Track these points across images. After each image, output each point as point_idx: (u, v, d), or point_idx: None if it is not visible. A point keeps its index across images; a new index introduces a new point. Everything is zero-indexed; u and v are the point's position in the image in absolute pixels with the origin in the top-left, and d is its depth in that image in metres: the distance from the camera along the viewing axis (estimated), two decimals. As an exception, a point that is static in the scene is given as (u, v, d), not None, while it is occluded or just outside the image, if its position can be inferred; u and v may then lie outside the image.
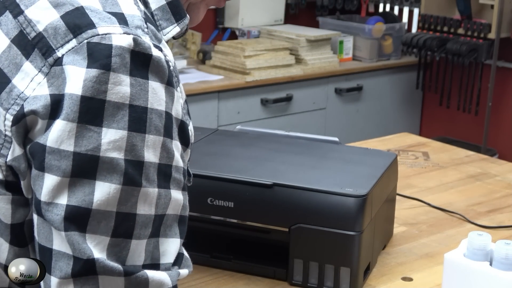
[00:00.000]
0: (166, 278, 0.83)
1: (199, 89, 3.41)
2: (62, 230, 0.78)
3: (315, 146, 1.54)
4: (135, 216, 0.80)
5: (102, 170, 0.78)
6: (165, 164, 0.82)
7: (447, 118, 4.30)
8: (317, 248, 1.30)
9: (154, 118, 0.81)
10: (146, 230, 0.81)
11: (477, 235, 1.17)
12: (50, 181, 0.78)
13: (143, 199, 0.80)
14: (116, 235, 0.79)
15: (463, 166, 2.04)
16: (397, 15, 4.34)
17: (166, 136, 0.83)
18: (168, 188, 0.83)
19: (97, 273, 0.78)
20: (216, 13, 4.12)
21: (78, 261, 0.78)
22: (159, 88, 0.82)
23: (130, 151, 0.79)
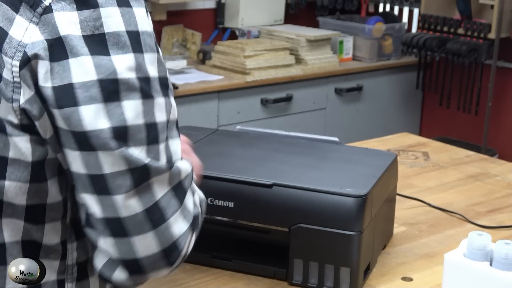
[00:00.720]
0: (187, 165, 0.97)
1: (199, 89, 3.41)
2: (114, 149, 0.87)
3: (315, 146, 1.54)
4: (156, 124, 0.91)
5: (123, 91, 0.88)
6: (163, 76, 0.93)
7: (447, 118, 4.30)
8: (317, 248, 1.30)
9: (146, 39, 0.91)
10: (164, 134, 0.92)
11: (477, 235, 1.17)
12: (87, 111, 0.87)
13: (157, 109, 0.91)
14: (149, 143, 0.90)
15: (463, 166, 2.04)
16: (397, 15, 4.34)
17: (157, 52, 0.93)
18: (168, 97, 0.95)
19: (150, 177, 0.89)
20: (216, 13, 4.12)
21: (134, 171, 0.88)
22: (142, 12, 0.92)
23: (139, 70, 0.89)
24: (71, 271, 0.98)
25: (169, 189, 0.92)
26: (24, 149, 0.89)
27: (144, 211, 0.90)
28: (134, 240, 0.90)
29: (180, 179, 0.94)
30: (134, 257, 0.91)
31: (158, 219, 0.91)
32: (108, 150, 0.87)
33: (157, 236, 0.91)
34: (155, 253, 0.91)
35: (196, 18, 4.06)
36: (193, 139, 1.54)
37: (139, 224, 0.90)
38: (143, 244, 0.90)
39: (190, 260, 1.39)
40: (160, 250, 0.91)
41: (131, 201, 0.89)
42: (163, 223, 0.91)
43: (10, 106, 0.88)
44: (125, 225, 0.90)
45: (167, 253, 0.92)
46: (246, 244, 1.41)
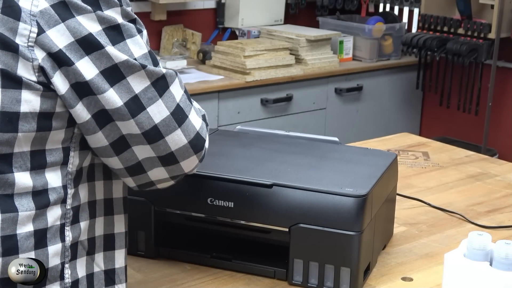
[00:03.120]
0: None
1: (199, 89, 3.41)
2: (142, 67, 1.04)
3: (315, 146, 1.54)
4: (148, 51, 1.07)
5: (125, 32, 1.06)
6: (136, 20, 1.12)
7: (447, 118, 4.30)
8: (317, 248, 1.30)
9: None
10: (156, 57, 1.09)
11: (477, 235, 1.17)
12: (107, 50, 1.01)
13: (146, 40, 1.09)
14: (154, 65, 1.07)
15: (463, 166, 2.04)
16: (397, 15, 4.34)
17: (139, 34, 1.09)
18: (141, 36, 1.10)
19: (169, 84, 1.07)
20: (216, 13, 4.12)
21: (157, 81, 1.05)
22: None
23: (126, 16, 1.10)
24: (69, 215, 1.06)
25: (183, 92, 1.09)
26: (34, 102, 0.99)
27: (170, 114, 1.06)
28: (167, 139, 1.06)
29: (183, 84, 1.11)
30: (169, 151, 1.07)
31: (181, 117, 1.07)
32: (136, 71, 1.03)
33: (183, 131, 1.07)
34: (184, 145, 1.08)
35: (196, 18, 4.06)
36: (193, 139, 1.54)
37: (168, 124, 1.06)
38: (174, 139, 1.07)
39: (190, 260, 1.40)
40: (187, 141, 1.08)
41: (160, 107, 1.05)
42: (185, 120, 1.08)
43: (30, 65, 0.98)
44: (160, 128, 1.05)
45: (193, 143, 1.09)
46: (246, 244, 1.41)
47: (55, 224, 1.04)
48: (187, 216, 1.37)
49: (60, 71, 0.99)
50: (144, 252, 1.41)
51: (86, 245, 1.09)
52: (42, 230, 1.02)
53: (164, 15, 3.89)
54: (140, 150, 1.07)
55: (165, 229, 1.42)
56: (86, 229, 1.09)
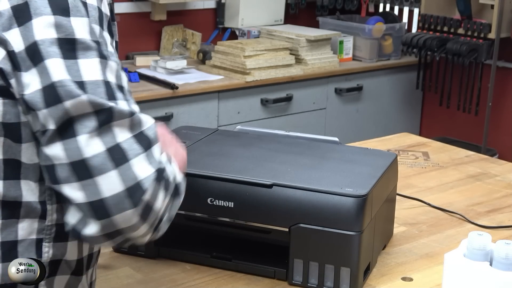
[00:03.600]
0: (149, 118, 1.03)
1: (199, 89, 3.41)
2: (82, 94, 0.94)
3: (315, 146, 1.54)
4: (109, 83, 0.98)
5: (80, 50, 0.96)
6: (107, 45, 1.01)
7: (447, 118, 4.30)
8: (317, 248, 1.30)
9: (92, 11, 0.99)
10: (119, 93, 0.99)
11: (477, 235, 1.17)
12: (52, 64, 0.94)
13: (108, 70, 0.98)
14: (108, 98, 0.97)
15: (463, 166, 2.04)
16: (397, 15, 4.34)
17: (101, 26, 1.00)
18: (118, 64, 1.02)
19: (113, 119, 0.96)
20: (216, 13, 4.12)
21: (100, 112, 0.95)
22: None
23: (92, 33, 0.98)
24: (50, 231, 1.02)
25: (131, 135, 0.97)
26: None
27: (106, 150, 0.95)
28: (98, 180, 0.94)
29: (142, 128, 0.99)
30: (99, 198, 0.94)
31: (120, 158, 0.95)
32: (74, 97, 0.94)
33: (120, 175, 0.94)
34: (119, 192, 0.94)
35: (196, 18, 4.06)
36: (193, 139, 1.54)
37: (102, 163, 0.94)
38: (107, 183, 0.94)
39: (190, 260, 1.40)
40: (124, 189, 0.95)
41: (94, 141, 0.94)
42: (125, 163, 0.95)
43: None
44: (89, 165, 0.94)
45: (131, 192, 0.95)
46: (246, 244, 1.41)
47: (29, 238, 1.00)
48: (187, 216, 1.37)
49: (15, 77, 0.96)
50: (144, 252, 1.41)
51: (73, 265, 1.06)
52: (11, 243, 0.99)
53: (164, 15, 3.89)
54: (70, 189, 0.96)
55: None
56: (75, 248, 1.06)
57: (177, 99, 3.35)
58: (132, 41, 3.85)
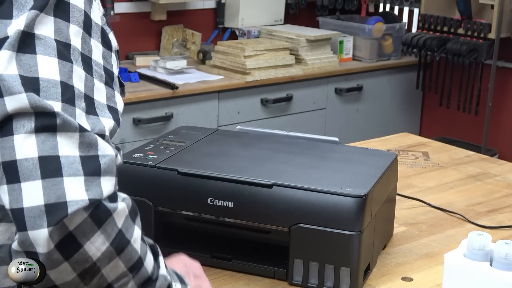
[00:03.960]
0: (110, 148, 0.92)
1: (199, 89, 3.41)
2: (23, 92, 0.87)
3: (315, 146, 1.54)
4: (73, 88, 0.91)
5: (39, 45, 0.90)
6: (86, 55, 0.94)
7: (447, 118, 4.30)
8: (317, 248, 1.30)
9: (75, 12, 0.94)
10: (81, 102, 0.91)
11: (477, 235, 1.17)
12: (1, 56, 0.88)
13: (75, 75, 0.91)
14: (64, 100, 0.89)
15: (463, 166, 2.04)
16: (397, 15, 4.34)
17: (85, 32, 0.95)
18: (91, 75, 0.94)
19: (57, 128, 0.87)
20: (216, 13, 4.12)
21: (39, 115, 0.87)
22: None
23: (58, 33, 0.91)
24: None
25: (78, 154, 0.88)
26: None
27: (39, 157, 0.86)
28: (23, 186, 0.86)
29: (94, 153, 0.89)
30: (19, 206, 0.86)
31: (52, 171, 0.86)
32: (16, 93, 0.87)
33: (44, 187, 0.85)
34: (39, 205, 0.85)
35: (196, 18, 4.06)
36: (193, 139, 1.54)
37: (31, 169, 0.85)
38: (30, 191, 0.85)
39: (190, 260, 1.40)
40: (44, 203, 0.85)
41: (29, 143, 0.86)
42: (56, 177, 0.86)
43: None
44: (18, 168, 0.86)
45: (50, 208, 0.85)
46: (246, 244, 1.41)
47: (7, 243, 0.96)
48: (187, 216, 1.37)
49: None
50: (144, 252, 1.41)
51: None
52: None
53: (164, 15, 3.89)
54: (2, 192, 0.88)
55: (165, 229, 1.42)
56: None
57: (177, 99, 3.35)
58: (132, 41, 3.85)
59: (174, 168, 1.36)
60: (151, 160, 1.39)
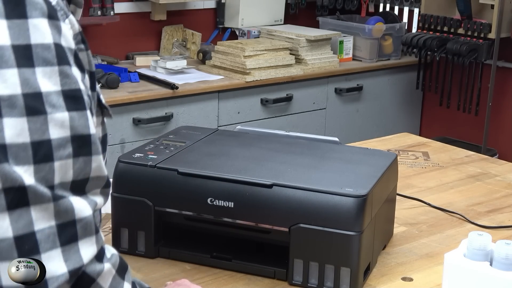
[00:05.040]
0: (86, 207, 0.89)
1: (199, 89, 3.41)
2: None
3: (315, 146, 1.54)
4: (50, 141, 0.85)
5: (4, 108, 0.82)
6: (69, 89, 0.87)
7: (447, 118, 4.30)
8: (317, 248, 1.30)
9: (40, 52, 0.85)
10: (65, 150, 0.86)
11: (477, 235, 1.17)
12: None
13: (53, 124, 0.85)
14: (37, 162, 0.84)
15: (463, 166, 2.04)
16: (397, 15, 4.34)
17: (62, 64, 0.87)
18: (82, 110, 0.88)
19: (29, 203, 0.82)
20: (216, 13, 4.12)
21: (9, 191, 0.81)
22: (42, 23, 0.86)
23: (25, 85, 0.84)
24: None
25: (54, 224, 0.84)
26: None
27: (14, 237, 0.82)
28: (0, 267, 0.83)
29: (73, 218, 0.86)
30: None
31: (29, 249, 0.83)
32: None
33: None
34: (17, 287, 0.83)
35: (196, 18, 4.06)
36: (193, 139, 1.54)
37: (7, 250, 0.82)
38: (5, 272, 0.82)
39: (190, 260, 1.40)
40: (21, 286, 0.83)
41: (3, 223, 0.82)
42: (33, 255, 0.83)
43: None
44: None
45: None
46: (246, 244, 1.41)
47: None
48: (187, 216, 1.37)
49: None
50: (144, 252, 1.41)
51: None
52: None
53: (164, 15, 3.89)
54: None
55: (165, 229, 1.42)
56: None
57: (177, 99, 3.35)
58: (132, 41, 3.85)
59: (174, 168, 1.36)
60: (151, 160, 1.39)
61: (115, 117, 3.13)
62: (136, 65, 3.68)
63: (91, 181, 0.91)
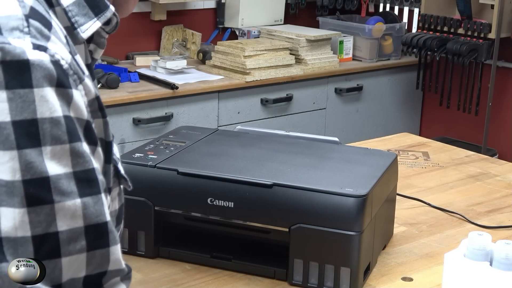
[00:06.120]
0: None
1: (199, 89, 3.41)
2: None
3: (315, 146, 1.54)
4: (57, 234, 0.75)
5: (2, 195, 0.73)
6: (82, 170, 0.77)
7: (447, 118, 4.30)
8: (317, 248, 1.29)
9: (48, 128, 0.74)
10: (76, 244, 0.76)
11: (477, 235, 1.17)
12: None
13: (61, 215, 0.74)
14: (41, 258, 0.75)
15: (463, 166, 2.04)
16: (397, 15, 4.34)
17: (73, 142, 0.76)
18: (97, 194, 0.78)
19: None
20: (216, 13, 4.12)
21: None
22: (49, 94, 0.74)
23: (27, 170, 0.73)
24: None
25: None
26: None
27: None
28: None
29: None
30: None
31: None
32: None
33: None
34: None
35: (196, 18, 4.06)
36: (193, 139, 1.54)
37: None
38: None
39: (190, 260, 1.40)
40: None
41: None
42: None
43: None
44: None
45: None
46: (246, 244, 1.41)
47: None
48: (187, 216, 1.37)
49: None
50: (144, 252, 1.41)
51: None
52: None
53: (164, 15, 3.89)
54: None
55: (165, 229, 1.42)
56: None
57: (177, 99, 3.35)
58: (132, 41, 3.85)
59: (174, 168, 1.36)
60: (151, 160, 1.39)
61: (115, 117, 3.13)
62: (136, 65, 3.68)
63: (109, 274, 0.82)
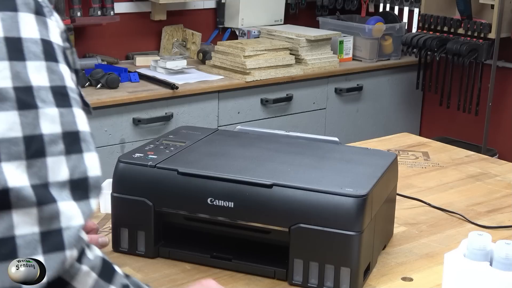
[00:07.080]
0: (77, 214, 0.85)
1: (199, 89, 3.41)
2: None
3: (315, 146, 1.54)
4: (42, 136, 0.83)
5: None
6: (57, 85, 0.86)
7: (447, 118, 4.30)
8: (317, 248, 1.30)
9: (30, 46, 0.85)
10: (57, 146, 0.84)
11: (477, 235, 1.17)
12: None
13: (44, 119, 0.83)
14: (30, 157, 0.82)
15: (463, 166, 2.04)
16: (397, 15, 4.34)
17: (49, 60, 0.87)
18: (69, 107, 0.87)
19: (11, 207, 0.80)
20: (216, 13, 4.12)
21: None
22: (29, 18, 0.86)
23: (16, 78, 0.83)
24: None
25: (38, 231, 0.81)
26: None
27: None
28: None
29: (59, 226, 0.82)
30: None
31: (6, 254, 0.80)
32: None
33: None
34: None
35: (196, 18, 4.06)
36: (193, 139, 1.54)
37: None
38: None
39: (190, 260, 1.40)
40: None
41: None
42: (8, 260, 0.81)
43: None
44: None
45: None
46: (246, 244, 1.41)
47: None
48: (187, 216, 1.37)
49: None
50: (144, 252, 1.41)
51: None
52: None
53: (164, 15, 3.89)
54: None
55: (165, 229, 1.42)
56: None
57: (177, 99, 3.35)
58: (132, 41, 3.85)
59: (174, 168, 1.36)
60: (151, 160, 1.39)
61: (115, 117, 3.13)
62: (136, 65, 3.68)
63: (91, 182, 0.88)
